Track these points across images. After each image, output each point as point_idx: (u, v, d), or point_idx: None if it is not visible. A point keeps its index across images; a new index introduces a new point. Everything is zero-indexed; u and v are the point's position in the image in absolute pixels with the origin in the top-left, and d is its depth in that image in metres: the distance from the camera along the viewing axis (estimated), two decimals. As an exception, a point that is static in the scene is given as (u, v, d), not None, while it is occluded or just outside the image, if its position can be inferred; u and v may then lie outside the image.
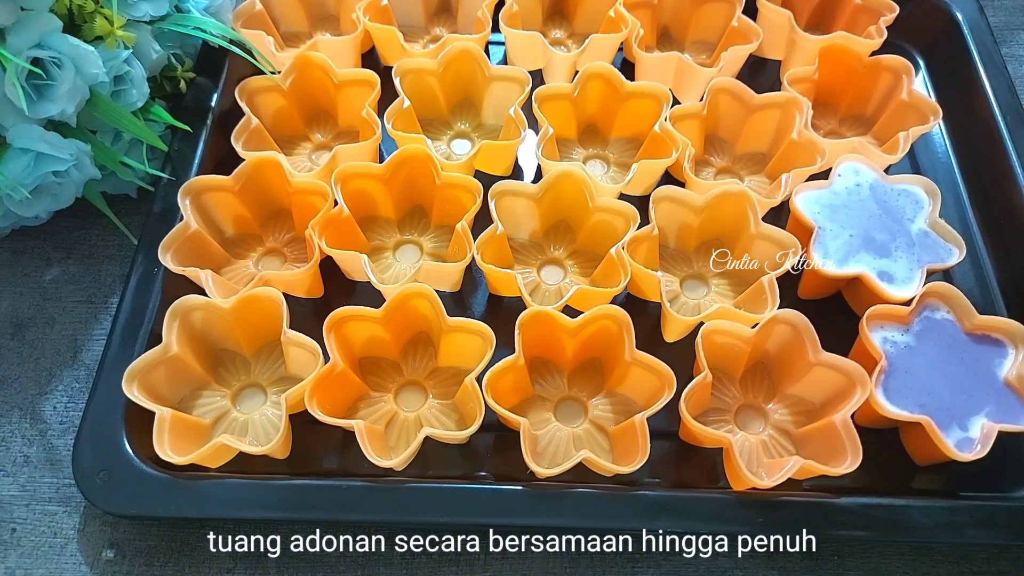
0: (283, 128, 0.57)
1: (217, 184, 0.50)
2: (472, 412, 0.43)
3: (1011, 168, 0.55)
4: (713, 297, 0.51)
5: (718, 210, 0.51)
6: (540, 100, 0.55)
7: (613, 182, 0.55)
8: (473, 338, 0.45)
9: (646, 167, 0.52)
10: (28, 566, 0.42)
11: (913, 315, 0.46)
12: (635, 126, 0.57)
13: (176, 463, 0.41)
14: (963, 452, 0.42)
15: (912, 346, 0.45)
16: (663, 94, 0.55)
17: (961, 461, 0.42)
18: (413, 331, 0.48)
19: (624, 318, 0.45)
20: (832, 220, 0.50)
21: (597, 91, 0.57)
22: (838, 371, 0.44)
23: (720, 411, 0.46)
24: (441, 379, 0.47)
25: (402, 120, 0.54)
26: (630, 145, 0.58)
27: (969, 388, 0.44)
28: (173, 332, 0.45)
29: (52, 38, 0.46)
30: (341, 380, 0.45)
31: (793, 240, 0.48)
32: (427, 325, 0.48)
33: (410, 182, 0.52)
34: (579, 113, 0.57)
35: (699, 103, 0.55)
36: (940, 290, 0.47)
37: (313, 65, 0.56)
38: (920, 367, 0.45)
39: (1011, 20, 0.69)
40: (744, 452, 0.45)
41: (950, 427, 0.43)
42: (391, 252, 0.52)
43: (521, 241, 0.53)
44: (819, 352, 0.45)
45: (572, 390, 0.47)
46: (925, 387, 0.44)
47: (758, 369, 0.48)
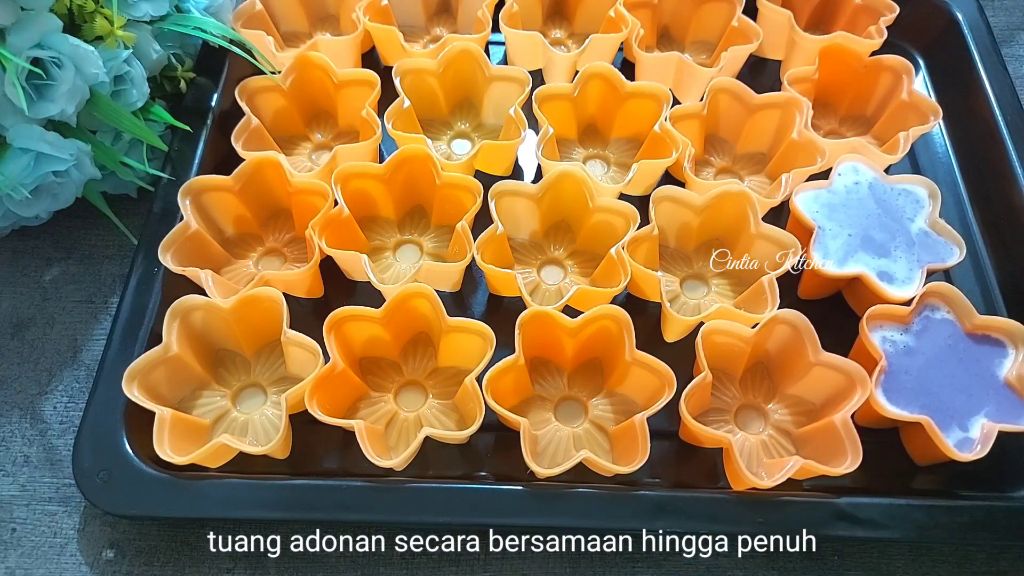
0: (283, 128, 0.57)
1: (217, 184, 0.50)
2: (472, 412, 0.43)
3: (1011, 168, 0.55)
4: (713, 297, 0.51)
5: (718, 210, 0.51)
6: (540, 100, 0.55)
7: (613, 182, 0.55)
8: (473, 338, 0.45)
9: (646, 167, 0.52)
10: (28, 566, 0.42)
11: (913, 315, 0.46)
12: (635, 126, 0.57)
13: (176, 463, 0.41)
14: (963, 452, 0.42)
15: (912, 346, 0.45)
16: (663, 94, 0.55)
17: (961, 461, 0.42)
18: (413, 331, 0.48)
19: (624, 318, 0.45)
20: (831, 219, 0.50)
21: (597, 91, 0.57)
22: (838, 371, 0.44)
23: (720, 411, 0.46)
24: (441, 379, 0.47)
25: (402, 120, 0.54)
26: (630, 145, 0.58)
27: (969, 388, 0.44)
28: (173, 332, 0.45)
29: (52, 38, 0.46)
30: (341, 380, 0.45)
31: (793, 240, 0.48)
32: (427, 325, 0.48)
33: (410, 182, 0.52)
34: (579, 113, 0.57)
35: (699, 103, 0.55)
36: (940, 290, 0.47)
37: (313, 65, 0.56)
38: (920, 367, 0.45)
39: (1011, 20, 0.69)
40: (744, 452, 0.45)
41: (950, 427, 0.43)
42: (391, 252, 0.52)
43: (521, 241, 0.53)
44: (819, 352, 0.45)
45: (572, 390, 0.47)
46: (925, 387, 0.44)
47: (758, 369, 0.48)
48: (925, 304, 0.47)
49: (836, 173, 0.52)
